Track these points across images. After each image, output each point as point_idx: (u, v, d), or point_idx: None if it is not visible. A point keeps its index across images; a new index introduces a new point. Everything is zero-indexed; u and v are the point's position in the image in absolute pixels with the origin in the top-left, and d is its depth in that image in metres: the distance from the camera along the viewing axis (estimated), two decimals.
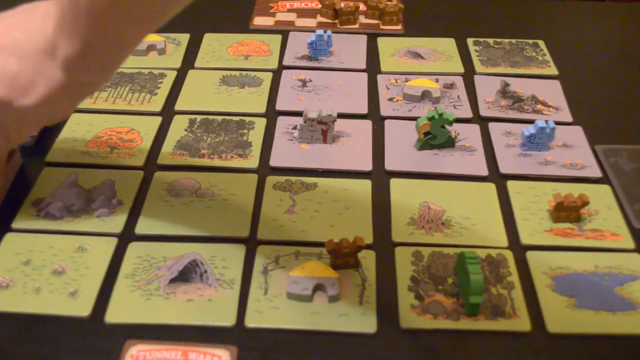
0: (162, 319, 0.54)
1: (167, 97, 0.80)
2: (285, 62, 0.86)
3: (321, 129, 0.71)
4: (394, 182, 0.68)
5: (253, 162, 0.70)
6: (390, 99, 0.80)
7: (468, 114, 0.78)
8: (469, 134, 0.74)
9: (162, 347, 0.52)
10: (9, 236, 0.61)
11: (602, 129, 0.76)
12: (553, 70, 0.86)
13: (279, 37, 0.92)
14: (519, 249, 0.61)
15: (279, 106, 0.78)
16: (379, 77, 0.84)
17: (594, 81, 0.85)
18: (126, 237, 0.62)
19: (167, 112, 0.77)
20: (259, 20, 0.96)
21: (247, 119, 0.76)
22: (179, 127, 0.75)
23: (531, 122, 0.74)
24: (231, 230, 0.62)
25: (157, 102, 0.79)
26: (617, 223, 0.64)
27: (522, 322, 0.54)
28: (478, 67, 0.86)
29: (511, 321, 0.54)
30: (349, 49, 0.90)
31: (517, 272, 0.58)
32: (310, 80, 0.83)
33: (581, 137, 0.74)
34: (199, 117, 0.76)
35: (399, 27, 0.95)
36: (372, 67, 0.86)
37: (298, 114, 0.77)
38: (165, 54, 0.88)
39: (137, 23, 0.48)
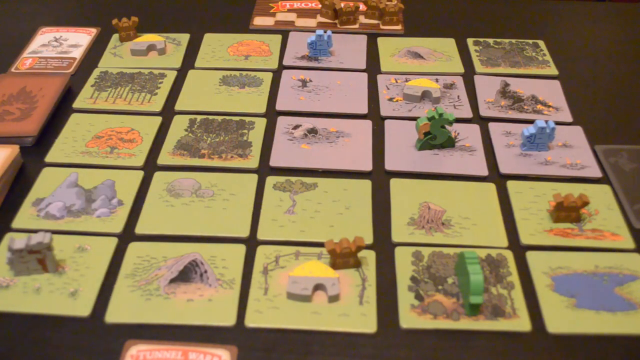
0: (162, 319, 0.54)
1: (167, 97, 0.80)
2: (285, 62, 0.86)
3: (36, 259, 0.56)
4: (394, 182, 0.68)
5: (253, 162, 0.70)
6: (390, 99, 0.80)
7: (468, 114, 0.78)
8: (469, 134, 0.74)
9: (162, 347, 0.52)
10: (9, 236, 0.61)
11: (602, 129, 0.76)
12: (553, 70, 0.86)
13: (279, 37, 0.92)
14: (519, 249, 0.61)
15: (279, 106, 0.78)
16: (379, 77, 0.84)
17: (594, 81, 0.85)
18: (126, 237, 0.62)
19: (167, 112, 0.78)
20: (259, 20, 0.96)
21: (247, 119, 0.76)
22: (179, 127, 0.75)
23: (531, 122, 0.74)
24: (231, 230, 0.62)
25: (157, 102, 0.79)
26: (617, 223, 0.63)
27: (522, 322, 0.54)
28: (478, 67, 0.86)
29: (511, 321, 0.54)
30: (349, 49, 0.90)
31: (517, 272, 0.58)
32: (310, 80, 0.83)
33: (581, 137, 0.74)
34: (199, 117, 0.76)
35: (399, 27, 0.95)
36: (372, 67, 0.86)
37: (298, 114, 0.77)
38: (165, 54, 0.88)
39: None
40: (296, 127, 0.74)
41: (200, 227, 0.62)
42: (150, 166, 0.70)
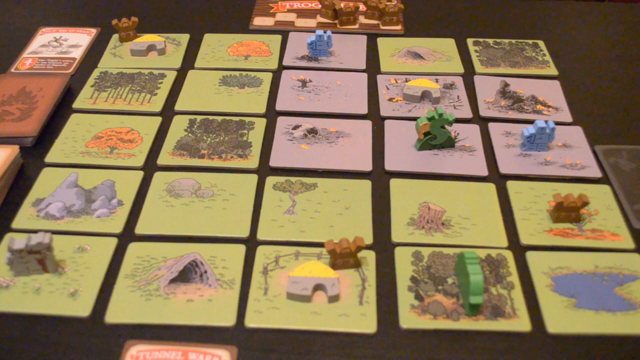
0: (162, 319, 0.54)
1: (167, 98, 0.80)
2: (285, 63, 0.86)
3: (36, 259, 0.56)
4: (394, 182, 0.68)
5: (253, 162, 0.70)
6: (390, 99, 0.80)
7: (468, 114, 0.78)
8: (469, 134, 0.74)
9: (162, 347, 0.52)
10: (8, 236, 0.61)
11: (602, 129, 0.76)
12: (553, 70, 0.86)
13: (279, 37, 0.92)
14: (518, 249, 0.61)
15: (279, 106, 0.78)
16: (378, 77, 0.84)
17: (594, 81, 0.85)
18: (126, 237, 0.62)
19: (167, 112, 0.78)
20: (259, 21, 0.96)
21: (247, 119, 0.76)
22: (179, 127, 0.75)
23: (531, 122, 0.74)
24: (231, 230, 0.62)
25: (157, 102, 0.79)
26: (617, 223, 0.63)
27: (522, 322, 0.54)
28: (478, 67, 0.86)
29: (511, 321, 0.54)
30: (349, 49, 0.90)
31: (517, 272, 0.58)
32: (310, 81, 0.83)
33: (581, 137, 0.74)
34: (199, 117, 0.76)
35: (399, 27, 0.95)
36: (372, 67, 0.86)
37: (298, 114, 0.77)
38: (165, 54, 0.88)
39: None
40: (296, 127, 0.75)
41: (200, 227, 0.62)
42: (150, 166, 0.70)
